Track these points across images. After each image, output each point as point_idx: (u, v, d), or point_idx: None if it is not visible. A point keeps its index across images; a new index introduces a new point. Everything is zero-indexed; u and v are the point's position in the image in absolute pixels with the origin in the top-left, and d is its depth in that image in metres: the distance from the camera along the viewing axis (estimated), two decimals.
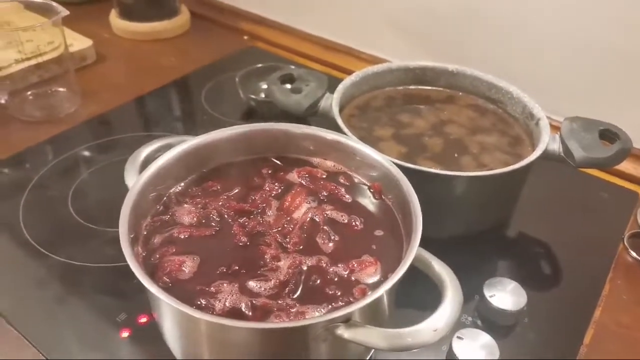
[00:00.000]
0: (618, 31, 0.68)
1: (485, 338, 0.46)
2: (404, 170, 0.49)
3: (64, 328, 0.49)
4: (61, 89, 0.79)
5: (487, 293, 0.51)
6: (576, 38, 0.72)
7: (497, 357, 0.45)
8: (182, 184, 0.47)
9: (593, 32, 0.70)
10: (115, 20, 0.97)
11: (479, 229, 0.60)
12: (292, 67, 0.78)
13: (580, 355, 0.49)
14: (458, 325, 0.50)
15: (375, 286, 0.39)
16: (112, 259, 0.54)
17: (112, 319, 0.49)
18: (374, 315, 0.38)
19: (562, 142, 0.57)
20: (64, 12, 0.72)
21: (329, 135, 0.49)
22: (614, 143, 0.56)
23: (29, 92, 0.77)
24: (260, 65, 0.82)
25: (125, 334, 0.48)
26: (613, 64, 0.70)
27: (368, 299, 0.35)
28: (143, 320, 0.49)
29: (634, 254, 0.59)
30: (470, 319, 0.51)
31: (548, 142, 0.57)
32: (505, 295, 0.50)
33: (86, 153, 0.71)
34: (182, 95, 0.86)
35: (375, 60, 0.88)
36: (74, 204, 0.62)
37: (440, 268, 0.38)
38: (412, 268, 0.39)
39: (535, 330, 0.51)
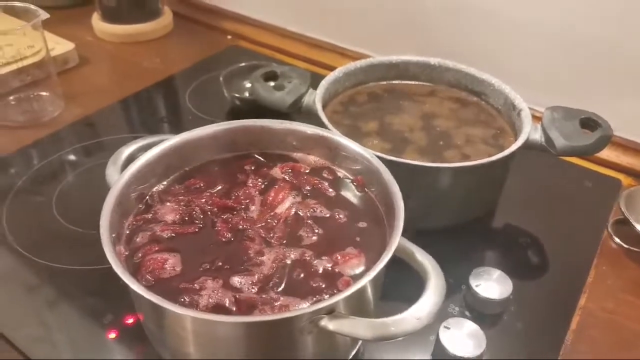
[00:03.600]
0: (598, 22, 0.69)
1: (471, 327, 0.47)
2: (389, 163, 0.50)
3: (52, 332, 0.49)
4: (44, 93, 0.78)
5: (473, 283, 0.51)
6: (558, 30, 0.72)
7: (484, 346, 0.45)
8: (165, 182, 0.47)
9: (574, 24, 0.71)
10: (98, 23, 0.97)
11: (465, 219, 0.60)
12: (275, 64, 0.78)
13: (566, 342, 0.49)
14: (445, 315, 0.50)
15: (359, 277, 0.39)
16: (97, 261, 0.53)
17: (99, 321, 0.49)
18: (358, 307, 0.38)
19: (544, 131, 0.57)
20: (44, 15, 0.71)
21: (310, 129, 0.49)
22: (595, 131, 0.56)
23: (11, 97, 0.76)
24: (243, 64, 0.82)
25: (112, 335, 0.48)
26: (594, 55, 0.71)
27: (350, 290, 0.35)
28: (130, 321, 0.49)
29: (618, 240, 0.60)
30: (457, 308, 0.51)
31: (530, 132, 0.57)
32: (491, 284, 0.51)
33: (71, 156, 0.71)
34: (166, 96, 0.85)
35: (359, 57, 0.87)
36: (59, 207, 0.62)
37: (422, 257, 0.38)
38: (397, 259, 0.40)
39: (522, 318, 0.51)
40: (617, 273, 0.57)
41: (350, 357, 0.45)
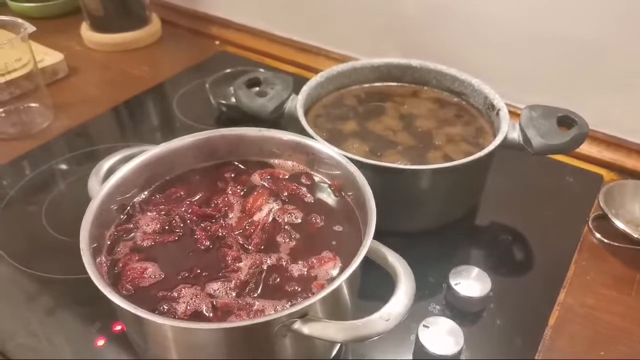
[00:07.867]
0: (577, 21, 0.69)
1: (450, 325, 0.48)
2: (369, 167, 0.51)
3: (42, 341, 0.50)
4: (33, 105, 0.79)
5: (453, 281, 0.52)
6: (539, 29, 0.73)
7: (461, 343, 0.46)
8: (146, 192, 0.48)
9: (554, 24, 0.71)
10: (87, 32, 0.98)
11: (447, 219, 0.61)
12: (262, 70, 0.79)
13: (545, 338, 0.50)
14: (426, 313, 0.51)
15: (334, 280, 0.40)
16: (85, 270, 0.55)
17: (88, 329, 0.50)
18: (333, 309, 0.40)
19: (522, 130, 0.58)
20: (31, 28, 0.72)
21: (286, 136, 0.50)
22: (571, 129, 0.57)
23: (0, 110, 0.78)
24: (229, 70, 0.83)
25: (100, 342, 0.49)
26: (577, 53, 0.71)
27: (321, 294, 0.36)
28: (117, 328, 0.50)
29: (598, 235, 0.60)
30: (438, 307, 0.52)
31: (508, 131, 0.58)
32: (470, 282, 0.52)
33: (62, 166, 0.72)
34: (155, 104, 0.86)
35: (345, 60, 0.88)
36: (48, 217, 0.63)
37: (393, 260, 0.39)
38: (371, 261, 0.41)
39: (501, 315, 0.52)
40: (597, 268, 0.57)
41: (332, 357, 0.46)
